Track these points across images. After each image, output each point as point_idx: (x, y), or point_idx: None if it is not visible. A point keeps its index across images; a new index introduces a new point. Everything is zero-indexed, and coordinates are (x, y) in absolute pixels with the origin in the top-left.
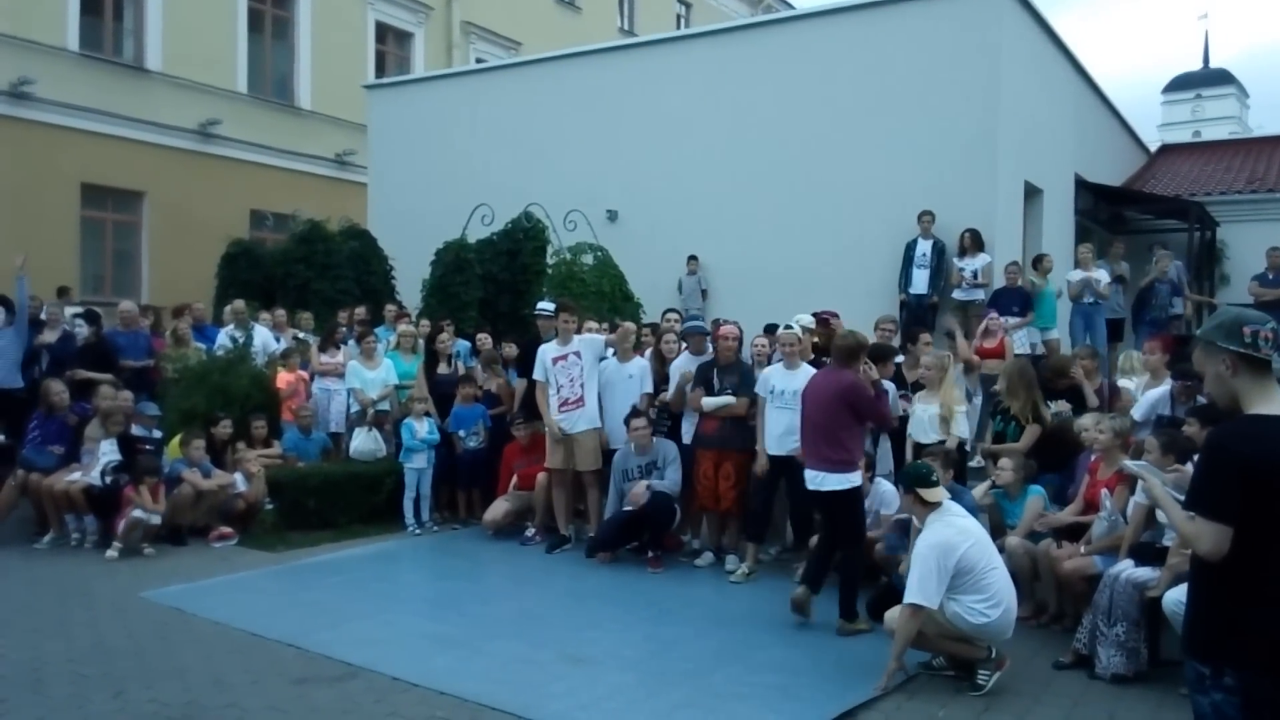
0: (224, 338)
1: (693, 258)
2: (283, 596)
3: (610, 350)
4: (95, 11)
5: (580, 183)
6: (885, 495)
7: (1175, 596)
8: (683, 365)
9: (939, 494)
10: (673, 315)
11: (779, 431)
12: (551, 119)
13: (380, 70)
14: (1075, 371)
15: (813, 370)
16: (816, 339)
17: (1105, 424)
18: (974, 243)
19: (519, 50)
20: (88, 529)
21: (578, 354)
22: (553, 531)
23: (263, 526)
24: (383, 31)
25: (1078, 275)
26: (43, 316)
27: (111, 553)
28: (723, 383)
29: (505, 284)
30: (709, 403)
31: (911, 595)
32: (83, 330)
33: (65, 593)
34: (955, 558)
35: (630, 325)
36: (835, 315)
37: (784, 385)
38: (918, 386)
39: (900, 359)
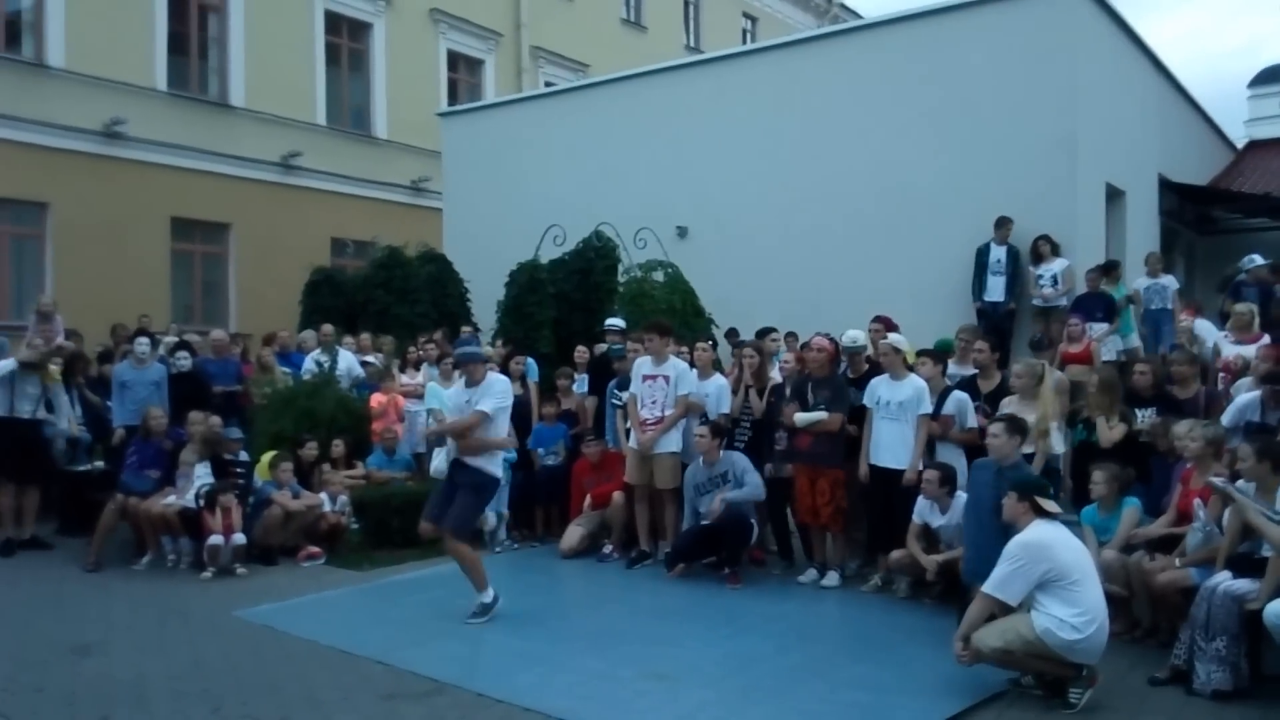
0: (310, 363)
1: None
2: (370, 614)
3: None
4: (182, 51)
5: (650, 200)
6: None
7: (1277, 609)
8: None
9: (1055, 506)
10: (775, 336)
11: (885, 442)
12: (620, 138)
13: (453, 97)
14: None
15: (920, 381)
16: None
17: (1198, 432)
18: (1050, 248)
19: (587, 72)
20: (183, 550)
21: (667, 378)
22: (630, 548)
23: (349, 546)
24: (454, 60)
25: (1145, 282)
26: (138, 351)
27: (206, 573)
28: (816, 397)
29: (578, 303)
30: (801, 418)
31: (990, 585)
32: (185, 362)
33: (164, 612)
34: (1047, 561)
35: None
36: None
37: (890, 396)
38: (994, 398)
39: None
